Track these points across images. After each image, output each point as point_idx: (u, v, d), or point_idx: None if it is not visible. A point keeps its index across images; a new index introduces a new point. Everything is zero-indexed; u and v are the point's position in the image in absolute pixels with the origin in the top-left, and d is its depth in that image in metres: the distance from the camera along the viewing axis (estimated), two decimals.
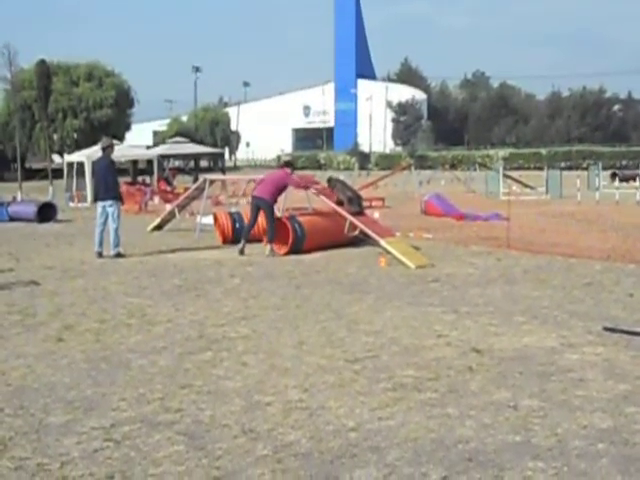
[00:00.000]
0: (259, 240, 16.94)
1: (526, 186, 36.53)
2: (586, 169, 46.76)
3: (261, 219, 16.84)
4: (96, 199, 16.97)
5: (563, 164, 67.36)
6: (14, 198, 30.27)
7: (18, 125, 52.46)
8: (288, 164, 17.77)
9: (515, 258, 15.03)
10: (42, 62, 46.91)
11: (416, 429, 5.90)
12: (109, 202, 16.34)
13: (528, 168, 67.90)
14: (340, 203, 16.66)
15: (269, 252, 16.06)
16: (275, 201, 16.73)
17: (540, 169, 46.98)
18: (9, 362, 8.01)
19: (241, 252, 16.18)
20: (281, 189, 16.82)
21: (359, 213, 16.64)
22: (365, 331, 9.13)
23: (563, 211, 24.96)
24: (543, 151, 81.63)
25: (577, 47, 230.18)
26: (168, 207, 22.96)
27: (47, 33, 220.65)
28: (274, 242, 16.25)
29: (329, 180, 17.59)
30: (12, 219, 25.33)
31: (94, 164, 17.43)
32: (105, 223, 16.32)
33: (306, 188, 17.50)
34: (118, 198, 16.73)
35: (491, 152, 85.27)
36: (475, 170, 48.56)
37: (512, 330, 9.05)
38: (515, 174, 41.96)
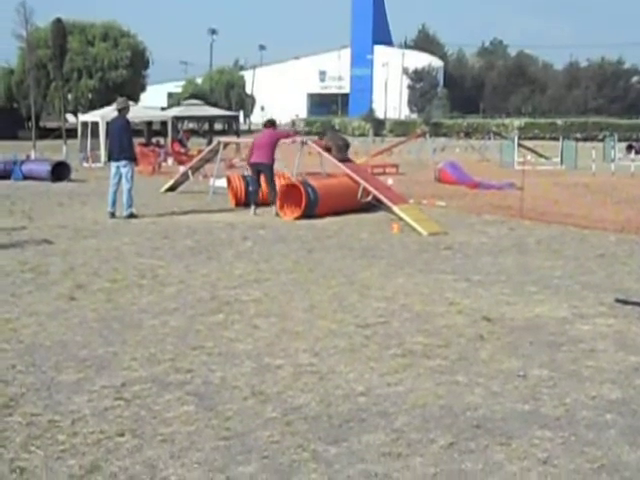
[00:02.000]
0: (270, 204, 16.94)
1: (541, 156, 36.31)
2: (602, 141, 46.46)
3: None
4: (110, 159, 16.93)
5: (579, 135, 66.86)
6: (28, 156, 30.26)
7: (33, 84, 52.27)
8: (272, 123, 18.02)
9: (528, 228, 14.98)
10: (58, 21, 46.57)
11: (425, 395, 5.92)
12: (123, 162, 16.32)
13: (543, 138, 67.35)
14: (328, 149, 17.22)
15: (276, 213, 16.45)
16: (273, 161, 17.16)
17: (555, 139, 46.60)
18: (21, 320, 8.06)
19: (255, 214, 16.57)
20: (274, 148, 17.22)
21: (346, 160, 17.37)
22: (376, 297, 9.14)
23: (577, 182, 24.81)
24: (559, 121, 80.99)
25: (596, 17, 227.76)
26: (182, 169, 22.92)
27: None
28: (285, 205, 16.31)
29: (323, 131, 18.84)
30: (26, 177, 25.34)
31: (109, 124, 17.38)
32: (118, 183, 16.32)
33: (293, 135, 18.81)
34: (132, 159, 16.73)
35: (506, 121, 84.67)
36: (490, 139, 48.22)
37: (524, 300, 9.04)
38: (530, 144, 41.69)
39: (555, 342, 7.33)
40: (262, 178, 16.99)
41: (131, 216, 16.03)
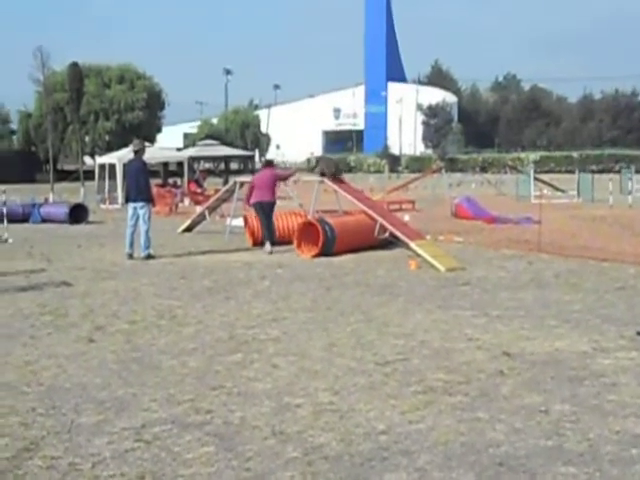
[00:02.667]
0: (288, 242, 16.97)
1: (557, 189, 36.29)
2: (618, 172, 46.36)
3: (288, 222, 18.03)
4: (127, 200, 17.02)
5: (595, 167, 66.77)
6: (46, 199, 30.54)
7: (50, 127, 52.85)
8: (270, 163, 18.91)
9: (546, 262, 14.93)
10: (74, 64, 47.20)
11: (446, 433, 5.88)
12: (140, 204, 16.41)
13: (559, 171, 67.32)
14: (323, 174, 18.08)
15: (269, 250, 16.83)
16: (275, 200, 17.68)
17: (572, 172, 46.59)
18: (41, 362, 8.07)
19: (270, 253, 16.66)
20: (275, 188, 17.78)
21: (338, 179, 18.52)
22: (395, 334, 9.10)
23: (595, 215, 24.75)
24: (575, 154, 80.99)
25: (609, 49, 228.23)
26: (198, 209, 23.03)
27: (80, 36, 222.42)
28: (303, 244, 16.36)
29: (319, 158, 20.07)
30: (44, 220, 25.54)
31: (126, 166, 17.52)
32: (136, 225, 16.40)
33: (291, 175, 19.33)
34: (150, 200, 16.83)
35: (522, 155, 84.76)
36: (506, 173, 48.28)
37: (544, 334, 8.98)
38: (546, 177, 41.67)
39: (576, 376, 7.27)
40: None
41: (149, 257, 16.07)
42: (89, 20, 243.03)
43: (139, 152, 17.00)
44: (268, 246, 16.88)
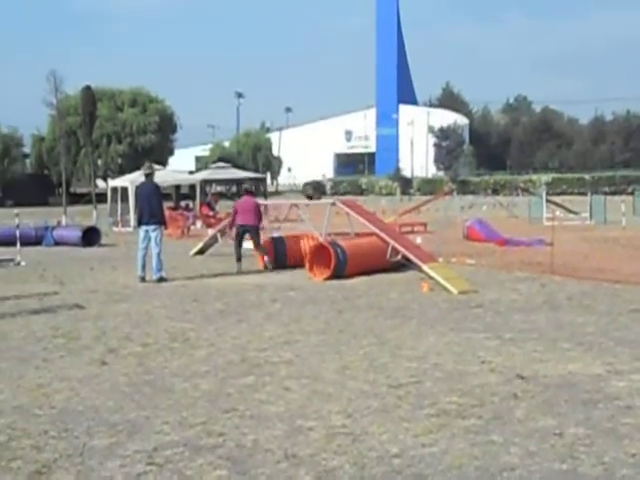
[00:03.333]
0: (301, 265, 16.99)
1: (569, 211, 36.21)
2: (631, 194, 46.28)
3: (300, 245, 18.38)
4: (140, 223, 16.95)
5: (607, 189, 66.70)
6: (59, 222, 30.63)
7: (63, 150, 53.12)
8: (250, 191, 19.93)
9: (559, 284, 14.88)
10: (87, 88, 47.43)
11: (460, 456, 5.84)
12: (152, 227, 16.44)
13: (571, 193, 67.29)
14: (309, 197, 19.16)
15: (268, 263, 18.26)
16: (259, 224, 18.80)
17: (584, 194, 46.55)
18: (53, 385, 8.07)
19: (238, 271, 17.76)
20: (258, 213, 18.69)
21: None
22: (408, 356, 9.08)
23: (607, 237, 24.68)
24: (587, 176, 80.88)
25: (620, 71, 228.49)
26: (210, 232, 23.07)
27: (93, 59, 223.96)
28: (315, 266, 16.36)
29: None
30: (57, 243, 25.63)
31: (138, 188, 17.50)
32: (147, 247, 16.42)
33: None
34: (162, 223, 16.87)
35: (534, 177, 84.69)
36: (518, 195, 48.24)
37: (557, 357, 8.94)
38: (558, 199, 41.60)
39: (590, 399, 7.22)
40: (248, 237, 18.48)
41: (161, 280, 16.09)
42: (102, 43, 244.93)
43: (150, 175, 17.09)
44: (237, 266, 17.91)
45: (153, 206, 16.54)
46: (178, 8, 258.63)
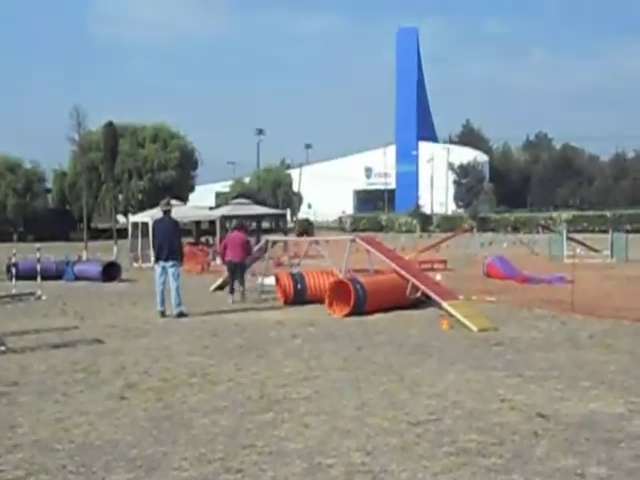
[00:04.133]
0: (320, 301, 16.98)
1: (590, 249, 36.03)
2: None
3: (320, 281, 18.26)
4: (158, 259, 16.93)
5: (629, 227, 66.35)
6: (80, 257, 30.79)
7: (85, 186, 53.56)
8: (243, 227, 21.12)
9: (580, 322, 14.78)
10: (110, 124, 47.91)
11: None
12: (170, 263, 16.51)
13: (592, 231, 66.93)
14: (301, 234, 19.99)
15: (241, 298, 18.82)
16: (245, 260, 19.42)
17: (605, 232, 46.33)
18: (72, 419, 8.08)
19: (233, 301, 18.52)
20: (245, 249, 19.36)
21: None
22: (427, 394, 9.03)
23: (629, 275, 24.51)
24: (608, 213, 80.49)
25: None
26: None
27: (115, 95, 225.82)
28: (334, 303, 16.34)
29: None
30: (78, 278, 25.73)
31: (156, 224, 17.50)
32: (165, 282, 16.47)
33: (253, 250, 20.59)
34: (180, 259, 16.97)
35: (554, 214, 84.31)
36: (538, 232, 48.02)
37: (578, 395, 8.87)
38: (579, 237, 41.42)
39: (612, 439, 7.15)
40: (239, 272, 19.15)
41: (181, 315, 16.11)
42: (123, 79, 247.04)
43: (168, 212, 17.21)
44: (230, 297, 18.68)
45: (173, 244, 16.62)
46: (198, 44, 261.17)
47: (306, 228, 21.10)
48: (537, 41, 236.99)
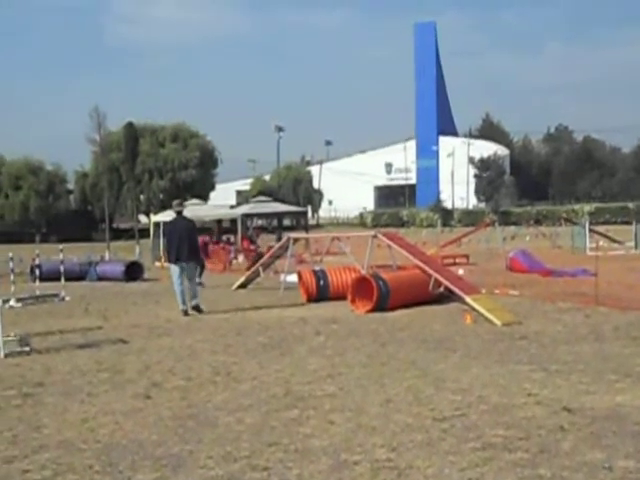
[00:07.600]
0: (343, 298, 16.96)
1: (614, 241, 35.83)
2: None
3: (342, 278, 18.15)
4: (178, 260, 16.71)
5: None
6: (102, 258, 30.96)
7: (106, 186, 53.86)
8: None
9: (604, 315, 14.69)
10: (130, 124, 48.21)
11: None
12: (191, 263, 16.68)
13: (615, 222, 66.58)
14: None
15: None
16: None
17: (628, 223, 46.05)
18: (98, 419, 8.11)
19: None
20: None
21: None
22: (452, 389, 9.00)
23: None
24: (631, 205, 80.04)
25: None
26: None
27: (135, 95, 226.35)
28: (357, 299, 16.33)
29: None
30: (100, 278, 25.87)
31: (171, 224, 17.37)
32: (184, 281, 16.55)
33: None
34: (200, 261, 17.12)
35: (576, 207, 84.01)
36: (560, 225, 47.78)
37: (604, 388, 8.81)
38: (602, 229, 41.21)
39: None
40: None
41: (197, 307, 16.20)
42: (142, 79, 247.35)
43: (182, 212, 17.32)
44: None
45: (193, 244, 16.72)
46: (217, 43, 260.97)
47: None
48: (555, 33, 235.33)
